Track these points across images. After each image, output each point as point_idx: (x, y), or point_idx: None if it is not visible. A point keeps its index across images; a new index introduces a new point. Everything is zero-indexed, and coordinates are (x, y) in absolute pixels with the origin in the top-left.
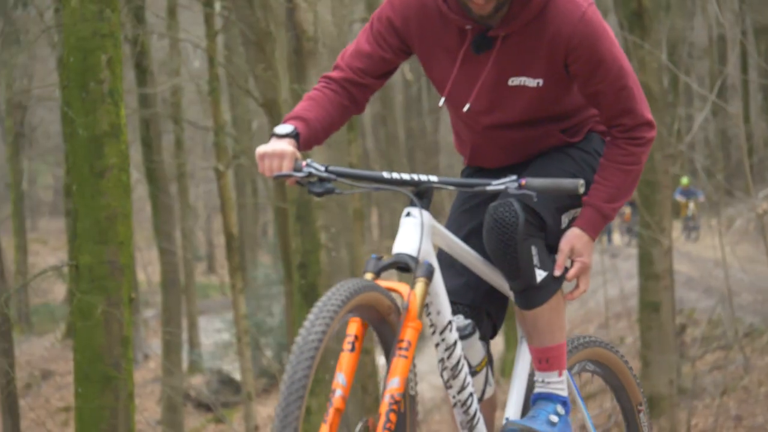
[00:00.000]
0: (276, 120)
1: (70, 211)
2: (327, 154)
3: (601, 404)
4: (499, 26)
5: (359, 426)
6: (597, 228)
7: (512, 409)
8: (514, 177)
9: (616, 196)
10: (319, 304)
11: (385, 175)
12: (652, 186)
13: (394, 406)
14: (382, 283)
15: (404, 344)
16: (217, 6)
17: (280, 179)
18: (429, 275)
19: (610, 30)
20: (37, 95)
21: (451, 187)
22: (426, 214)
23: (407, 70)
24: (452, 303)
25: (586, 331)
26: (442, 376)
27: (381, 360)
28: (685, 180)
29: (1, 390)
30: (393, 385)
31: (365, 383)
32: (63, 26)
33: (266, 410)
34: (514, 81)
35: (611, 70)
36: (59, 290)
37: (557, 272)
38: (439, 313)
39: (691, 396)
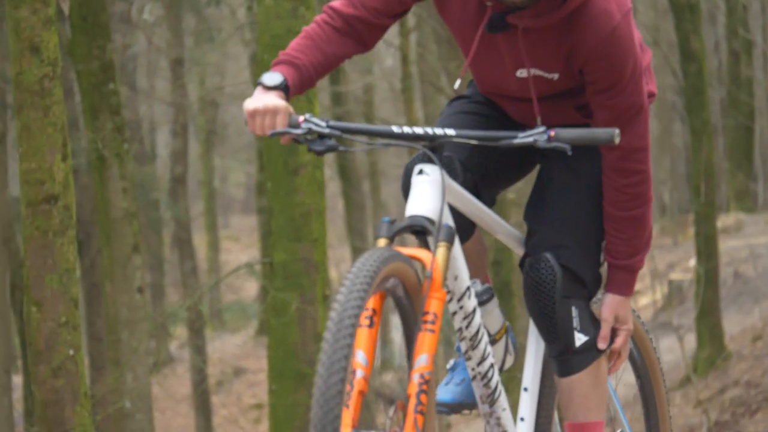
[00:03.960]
0: None
1: (262, 208)
2: None
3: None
4: (522, 16)
5: (391, 411)
6: (632, 285)
7: (529, 379)
8: (542, 128)
9: (638, 246)
10: (347, 280)
11: (395, 129)
12: None
13: (425, 386)
14: (404, 250)
15: (430, 317)
16: None
17: (275, 137)
18: (450, 239)
19: (636, 42)
20: (230, 93)
21: (474, 142)
22: (442, 171)
23: None
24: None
25: None
26: (459, 347)
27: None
28: None
29: (194, 387)
30: (421, 363)
31: None
32: (257, 24)
33: None
34: (523, 73)
35: (626, 88)
36: (251, 287)
37: (602, 345)
38: (456, 278)
39: None
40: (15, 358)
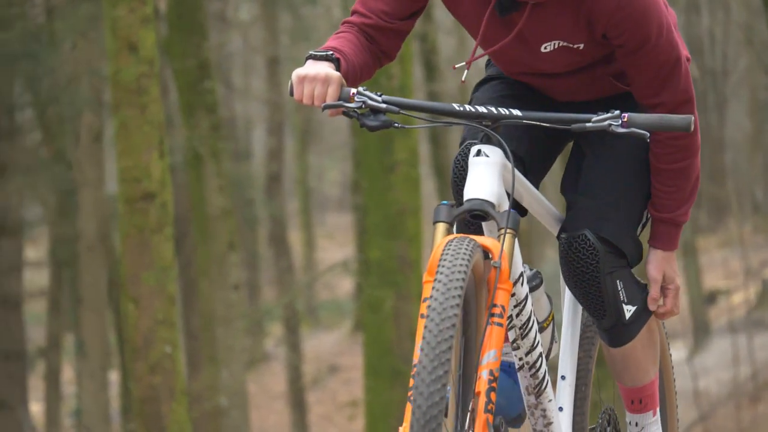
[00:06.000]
0: None
1: (357, 206)
2: None
3: None
4: None
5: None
6: (676, 239)
7: (567, 368)
8: (616, 111)
9: (682, 199)
10: (444, 268)
11: (457, 107)
12: None
13: (494, 384)
14: (479, 239)
15: (498, 310)
16: None
17: (328, 110)
18: (517, 226)
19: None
20: None
21: (546, 124)
22: (501, 153)
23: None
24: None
25: None
26: (506, 336)
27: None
28: None
29: (289, 384)
30: (490, 359)
31: None
32: None
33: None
34: (548, 47)
35: (657, 44)
36: (346, 285)
37: (653, 307)
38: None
39: None
40: (111, 355)
